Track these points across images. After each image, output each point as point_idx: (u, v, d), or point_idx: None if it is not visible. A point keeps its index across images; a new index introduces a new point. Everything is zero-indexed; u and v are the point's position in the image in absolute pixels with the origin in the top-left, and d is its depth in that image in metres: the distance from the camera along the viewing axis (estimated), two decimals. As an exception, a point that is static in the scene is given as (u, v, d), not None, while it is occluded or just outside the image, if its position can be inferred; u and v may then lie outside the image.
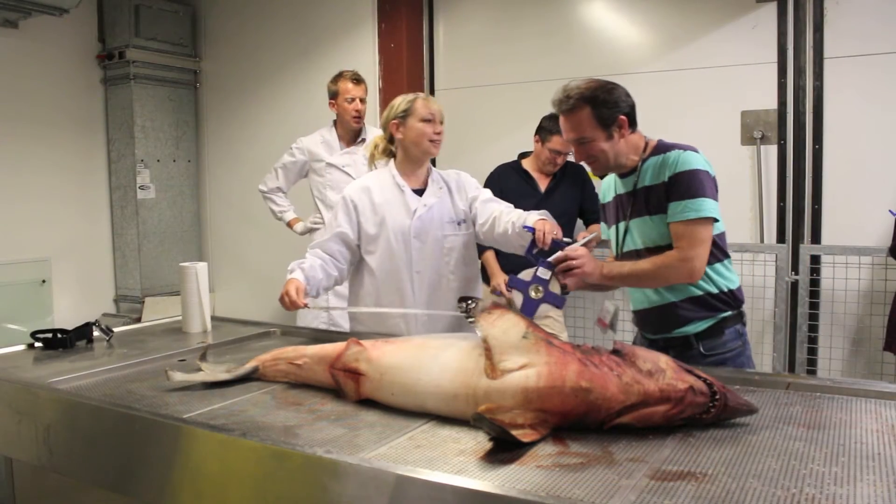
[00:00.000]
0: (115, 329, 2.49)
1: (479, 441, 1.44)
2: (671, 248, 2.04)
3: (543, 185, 3.63)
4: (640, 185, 2.12)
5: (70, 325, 2.37)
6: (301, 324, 3.60)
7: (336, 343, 1.85)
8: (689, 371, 1.52)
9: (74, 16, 4.33)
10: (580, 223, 3.75)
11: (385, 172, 2.59)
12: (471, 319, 1.62)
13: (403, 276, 2.50)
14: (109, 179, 4.96)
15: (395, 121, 2.53)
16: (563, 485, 1.22)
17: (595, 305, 3.95)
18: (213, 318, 2.63)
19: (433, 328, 2.49)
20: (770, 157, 3.58)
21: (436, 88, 4.43)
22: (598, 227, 3.65)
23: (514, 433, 1.38)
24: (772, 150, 3.57)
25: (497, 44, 4.20)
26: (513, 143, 3.96)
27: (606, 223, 2.35)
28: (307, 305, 2.40)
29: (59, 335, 2.30)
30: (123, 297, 4.98)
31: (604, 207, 2.35)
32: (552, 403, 1.45)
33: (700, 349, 2.10)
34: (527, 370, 1.48)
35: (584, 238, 2.22)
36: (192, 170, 5.16)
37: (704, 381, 1.50)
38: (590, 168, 2.20)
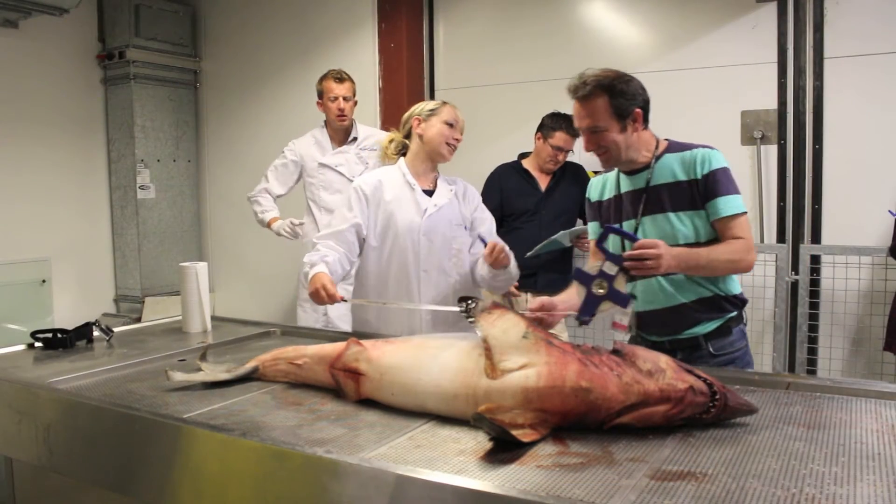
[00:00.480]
0: (115, 329, 2.49)
1: (479, 441, 1.44)
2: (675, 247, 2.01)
3: (544, 185, 3.63)
4: (656, 183, 2.09)
5: (70, 325, 2.37)
6: (301, 324, 3.60)
7: (336, 343, 1.85)
8: (689, 371, 1.52)
9: (74, 16, 4.32)
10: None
11: (395, 170, 2.58)
12: (471, 319, 1.62)
13: (411, 275, 2.50)
14: (109, 179, 4.95)
15: (419, 117, 2.55)
16: (563, 485, 1.22)
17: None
18: (213, 318, 2.63)
19: (441, 330, 2.50)
20: (770, 157, 3.58)
21: (436, 88, 4.43)
22: None
23: (514, 433, 1.38)
24: (772, 150, 3.57)
25: (497, 44, 4.20)
26: (513, 143, 3.96)
27: (599, 221, 2.29)
28: (344, 299, 2.32)
29: (59, 335, 2.30)
30: (123, 297, 4.98)
31: (597, 205, 2.29)
32: (552, 403, 1.45)
33: (709, 349, 2.09)
34: (527, 370, 1.49)
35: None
36: (192, 170, 5.16)
37: (704, 381, 1.50)
38: (600, 160, 2.15)
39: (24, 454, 1.82)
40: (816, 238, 3.49)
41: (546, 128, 3.56)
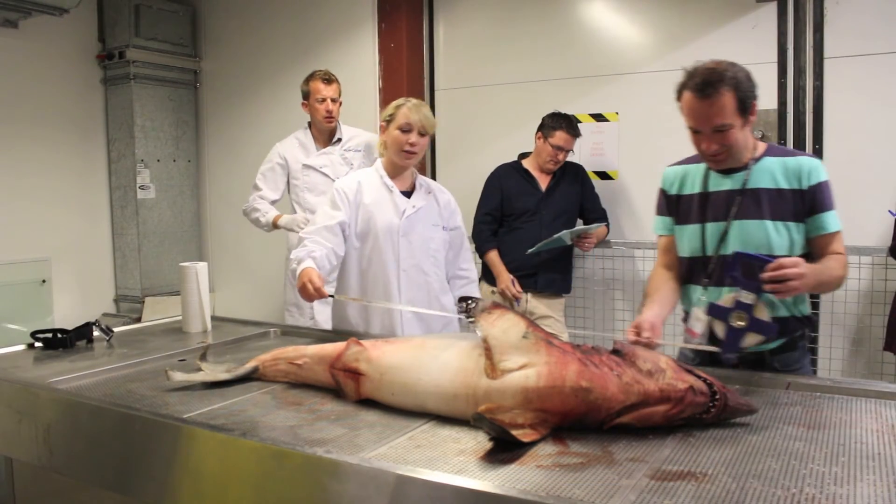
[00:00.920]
0: (115, 329, 2.49)
1: (479, 441, 1.44)
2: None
3: (544, 185, 3.63)
4: (754, 186, 1.95)
5: (70, 325, 2.37)
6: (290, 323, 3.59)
7: (336, 343, 1.85)
8: (690, 371, 1.52)
9: (74, 16, 4.32)
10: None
11: (373, 172, 2.62)
12: (471, 319, 1.62)
13: (391, 274, 2.54)
14: (109, 179, 4.95)
15: (383, 123, 2.60)
16: (563, 485, 1.22)
17: (596, 305, 3.95)
18: (213, 318, 2.63)
19: (425, 328, 2.56)
20: (770, 157, 3.57)
21: (436, 88, 4.43)
22: (603, 227, 3.68)
23: (514, 433, 1.38)
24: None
25: (497, 44, 4.20)
26: (513, 143, 3.96)
27: (675, 217, 2.10)
28: (333, 296, 2.34)
29: (59, 335, 2.30)
30: (123, 297, 4.97)
31: (675, 199, 2.10)
32: (552, 403, 1.45)
33: (774, 365, 1.99)
34: (527, 370, 1.49)
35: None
36: (192, 170, 5.16)
37: (704, 381, 1.50)
38: (712, 160, 1.95)
39: (24, 454, 1.82)
40: (817, 238, 3.48)
41: (546, 127, 3.56)
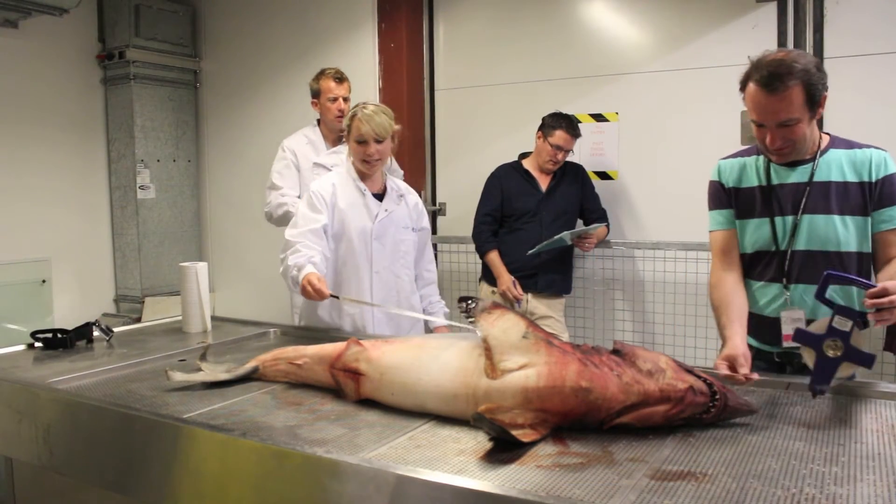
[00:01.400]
0: (115, 329, 2.49)
1: (479, 441, 1.44)
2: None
3: (544, 185, 3.63)
4: (819, 179, 1.88)
5: (70, 325, 2.37)
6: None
7: (336, 343, 1.85)
8: (689, 371, 1.52)
9: (74, 16, 4.32)
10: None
11: (345, 175, 2.65)
12: (471, 319, 1.62)
13: (364, 276, 2.59)
14: (109, 179, 4.95)
15: (344, 134, 2.64)
16: (563, 485, 1.22)
17: (596, 305, 3.95)
18: (213, 318, 2.63)
19: (395, 327, 2.66)
20: (770, 157, 3.57)
21: (436, 88, 4.43)
22: (603, 227, 3.68)
23: (514, 433, 1.38)
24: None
25: (497, 44, 4.20)
26: (513, 143, 3.96)
27: (737, 211, 2.00)
28: (336, 296, 2.40)
29: (59, 335, 2.30)
30: (123, 297, 4.97)
31: (733, 192, 2.01)
32: (552, 403, 1.45)
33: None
34: (527, 370, 1.49)
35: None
36: (192, 170, 5.16)
37: (704, 381, 1.50)
38: (776, 154, 1.85)
39: (24, 454, 1.82)
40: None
41: (547, 127, 3.56)
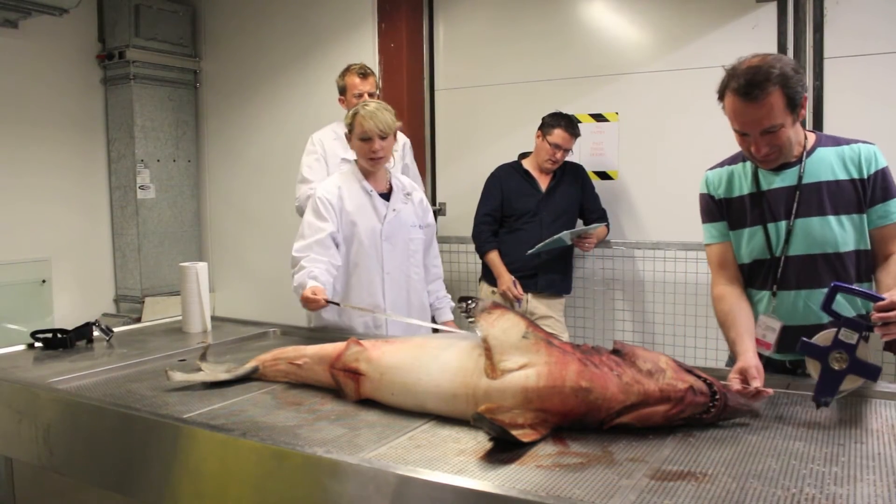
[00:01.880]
0: (115, 329, 2.49)
1: (479, 441, 1.44)
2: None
3: (544, 185, 3.63)
4: (810, 180, 1.84)
5: (70, 325, 2.37)
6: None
7: (336, 343, 1.85)
8: (689, 371, 1.52)
9: (74, 16, 4.32)
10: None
11: (350, 176, 2.64)
12: (471, 319, 1.62)
13: (375, 278, 2.58)
14: (109, 179, 4.95)
15: (346, 132, 2.62)
16: (563, 485, 1.22)
17: (596, 305, 3.95)
18: (213, 318, 2.63)
19: (405, 327, 2.62)
20: (770, 157, 3.57)
21: (436, 88, 4.43)
22: (603, 227, 3.68)
23: (514, 433, 1.38)
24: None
25: (497, 44, 4.20)
26: (513, 143, 3.95)
27: (730, 221, 1.97)
28: (334, 302, 2.41)
29: (59, 335, 2.30)
30: (123, 297, 4.97)
31: (724, 203, 1.97)
32: (552, 403, 1.45)
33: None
34: (527, 370, 1.49)
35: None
36: (192, 170, 5.16)
37: (704, 381, 1.50)
38: (763, 160, 1.82)
39: (24, 454, 1.82)
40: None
41: (546, 126, 3.56)
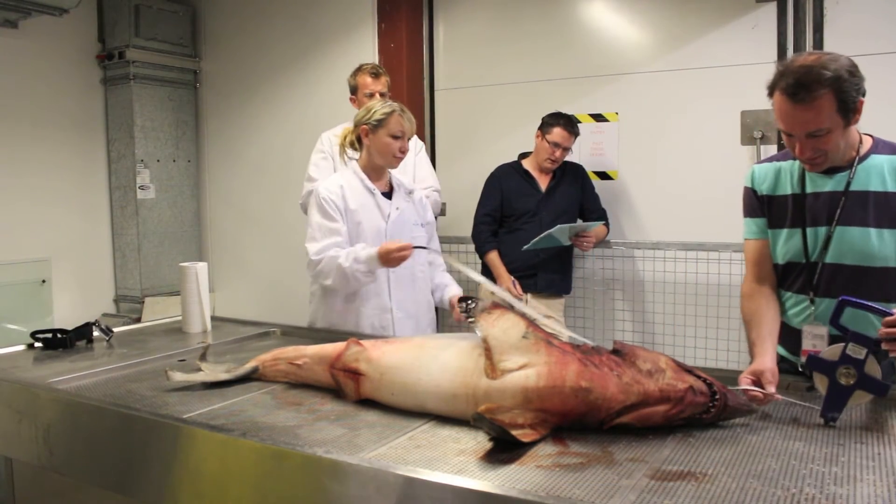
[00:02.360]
0: (115, 329, 2.49)
1: (479, 441, 1.44)
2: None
3: (544, 185, 3.63)
4: (858, 188, 1.75)
5: (70, 325, 2.37)
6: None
7: (336, 343, 1.85)
8: (690, 371, 1.52)
9: (74, 16, 4.32)
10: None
11: (351, 174, 2.62)
12: (471, 319, 1.62)
13: (380, 276, 2.57)
14: (109, 179, 4.95)
15: (367, 126, 2.56)
16: (563, 485, 1.22)
17: (596, 305, 3.95)
18: (213, 318, 2.63)
19: (415, 326, 2.63)
20: (770, 157, 3.57)
21: (436, 88, 4.43)
22: (602, 225, 3.68)
23: (514, 433, 1.38)
24: (772, 150, 3.56)
25: (497, 44, 4.20)
26: (513, 143, 3.96)
27: (770, 220, 1.91)
28: (424, 247, 2.49)
29: (59, 335, 2.30)
30: (123, 297, 4.97)
31: (766, 200, 1.91)
32: (552, 403, 1.45)
33: None
34: (527, 370, 1.49)
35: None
36: (192, 170, 5.16)
37: (704, 381, 1.50)
38: (809, 163, 1.74)
39: (24, 454, 1.82)
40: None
41: (545, 124, 3.56)
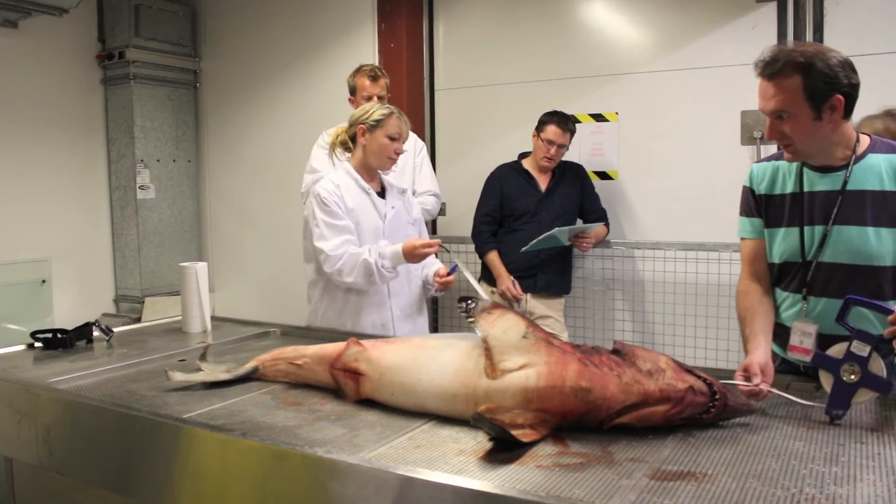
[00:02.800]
0: (115, 329, 2.49)
1: (479, 441, 1.44)
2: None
3: (544, 185, 3.63)
4: (855, 187, 1.76)
5: (70, 325, 2.37)
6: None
7: (336, 343, 1.85)
8: (690, 371, 1.52)
9: (74, 16, 4.32)
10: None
11: (344, 174, 2.61)
12: (471, 319, 1.62)
13: None
14: (109, 179, 4.95)
15: (364, 126, 2.57)
16: (563, 485, 1.22)
17: (596, 305, 3.95)
18: (213, 318, 2.63)
19: (412, 325, 2.65)
20: (770, 157, 3.57)
21: (436, 88, 4.43)
22: (602, 226, 3.68)
23: (514, 433, 1.38)
24: (772, 150, 3.55)
25: (497, 44, 4.20)
26: (513, 143, 3.95)
27: (767, 219, 1.93)
28: (447, 249, 2.53)
29: (59, 335, 2.30)
30: (123, 297, 4.97)
31: (764, 199, 1.94)
32: (552, 403, 1.45)
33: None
34: (527, 370, 1.49)
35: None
36: (192, 170, 5.16)
37: (704, 381, 1.50)
38: (784, 150, 1.80)
39: (24, 454, 1.82)
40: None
41: (540, 123, 3.56)
